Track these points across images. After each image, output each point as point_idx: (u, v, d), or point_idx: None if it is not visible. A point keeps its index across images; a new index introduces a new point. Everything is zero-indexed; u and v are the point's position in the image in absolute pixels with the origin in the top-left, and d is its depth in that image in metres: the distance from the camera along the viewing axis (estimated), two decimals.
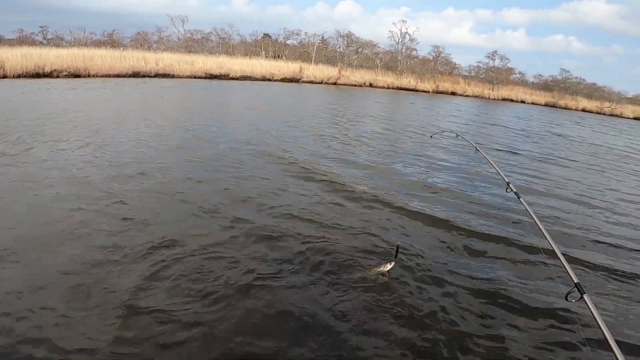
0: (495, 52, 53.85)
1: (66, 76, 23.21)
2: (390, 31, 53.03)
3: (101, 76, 24.80)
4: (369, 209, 6.56)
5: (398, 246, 4.57)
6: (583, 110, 50.27)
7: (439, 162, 10.72)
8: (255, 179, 7.40)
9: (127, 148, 8.64)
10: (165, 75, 28.37)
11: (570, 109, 50.12)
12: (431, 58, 53.02)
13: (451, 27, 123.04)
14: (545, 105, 50.17)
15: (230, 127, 12.54)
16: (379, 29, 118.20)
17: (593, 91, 55.02)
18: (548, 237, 2.92)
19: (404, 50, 51.20)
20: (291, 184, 7.32)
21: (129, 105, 14.64)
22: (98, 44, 38.79)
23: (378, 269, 4.44)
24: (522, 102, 50.05)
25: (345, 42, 49.40)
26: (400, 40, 51.06)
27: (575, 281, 2.36)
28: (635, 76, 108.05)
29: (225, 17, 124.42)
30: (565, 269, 2.53)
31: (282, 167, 8.30)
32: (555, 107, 49.92)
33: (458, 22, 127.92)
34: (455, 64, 56.00)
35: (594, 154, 15.70)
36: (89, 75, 24.32)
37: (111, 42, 42.03)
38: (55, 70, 22.99)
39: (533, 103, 50.16)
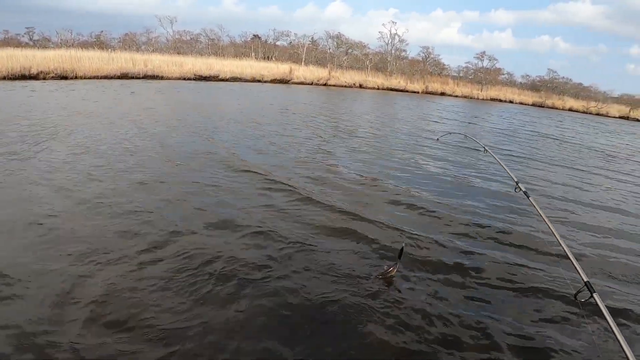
0: (484, 52, 54.43)
1: (53, 78, 22.95)
2: (379, 32, 53.49)
3: (89, 78, 24.57)
4: (371, 209, 6.53)
5: (403, 247, 4.47)
6: (570, 109, 50.95)
7: (446, 163, 10.87)
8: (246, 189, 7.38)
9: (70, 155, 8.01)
10: (154, 77, 28.19)
11: (557, 108, 50.78)
12: (420, 59, 53.43)
13: (440, 28, 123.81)
14: (533, 105, 50.76)
15: (205, 130, 12.44)
16: (368, 30, 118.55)
17: (579, 91, 55.79)
18: (557, 236, 2.90)
19: (393, 51, 51.51)
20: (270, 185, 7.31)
21: (102, 109, 13.82)
22: (85, 45, 38.38)
23: (383, 273, 4.38)
24: (511, 102, 50.57)
25: (335, 43, 49.56)
26: (389, 41, 51.41)
27: (585, 280, 2.35)
28: (620, 76, 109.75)
29: (214, 18, 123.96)
30: (575, 267, 2.52)
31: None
32: (543, 106, 50.54)
33: (446, 23, 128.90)
34: (444, 64, 56.43)
35: (580, 154, 15.91)
36: (76, 77, 24.08)
37: (99, 43, 41.65)
38: (41, 72, 22.71)
39: (521, 103, 50.70)
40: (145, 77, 27.66)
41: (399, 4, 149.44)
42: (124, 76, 26.43)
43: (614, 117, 50.29)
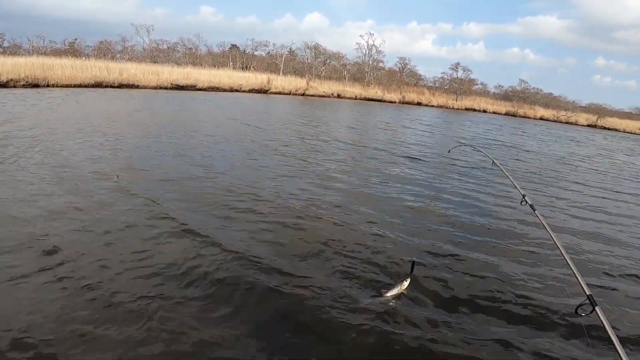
0: (458, 63, 55.74)
1: (24, 86, 22.36)
2: (357, 43, 54.39)
3: (61, 86, 24.03)
4: (379, 223, 6.54)
5: (414, 262, 4.39)
6: (541, 118, 52.66)
7: (455, 175, 11.17)
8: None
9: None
10: (129, 86, 27.80)
11: (529, 117, 52.37)
12: (397, 69, 54.39)
13: (416, 40, 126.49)
14: (506, 114, 52.22)
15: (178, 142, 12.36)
16: (345, 40, 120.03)
17: (550, 100, 57.71)
18: (562, 249, 2.89)
19: (370, 62, 52.28)
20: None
21: (61, 119, 13.18)
22: (58, 52, 37.63)
23: (395, 290, 4.26)
24: (485, 111, 51.95)
25: (313, 53, 49.95)
26: (367, 52, 52.21)
27: (588, 293, 2.30)
28: (587, 86, 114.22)
29: (192, 27, 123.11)
30: (578, 280, 2.48)
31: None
32: (515, 115, 52.06)
33: (422, 34, 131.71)
34: (420, 75, 57.71)
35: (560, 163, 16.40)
36: (48, 85, 23.52)
37: (72, 51, 40.85)
38: (12, 79, 22.11)
39: (495, 112, 52.12)
40: (121, 86, 27.24)
41: (376, 15, 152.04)
42: (98, 85, 25.97)
43: (583, 125, 52.19)
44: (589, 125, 52.33)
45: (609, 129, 51.44)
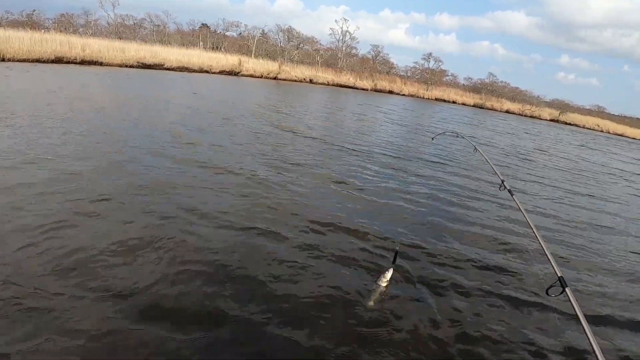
0: (430, 54, 56.51)
1: None
2: (331, 29, 54.03)
3: (18, 60, 22.73)
4: (360, 213, 6.54)
5: (397, 251, 4.33)
6: (507, 111, 54.24)
7: (438, 162, 11.70)
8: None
9: None
10: (92, 63, 26.59)
11: (495, 110, 53.84)
12: (370, 57, 54.48)
13: (388, 28, 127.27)
14: (474, 106, 53.47)
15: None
16: (319, 25, 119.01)
17: (516, 94, 59.43)
18: (537, 233, 2.95)
19: (344, 48, 52.07)
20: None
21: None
22: (15, 24, 35.49)
23: (379, 281, 4.22)
24: (454, 102, 53.00)
25: (286, 37, 49.28)
26: (340, 38, 51.93)
27: (559, 275, 2.35)
28: (552, 83, 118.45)
29: (160, 3, 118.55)
30: (551, 263, 2.53)
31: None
32: (483, 108, 53.38)
33: (394, 23, 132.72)
34: (393, 63, 58.14)
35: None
36: (3, 60, 22.20)
37: (31, 23, 38.62)
38: None
39: (463, 104, 53.27)
40: (83, 62, 26.01)
41: (350, 1, 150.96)
42: (58, 60, 24.69)
43: (546, 119, 54.16)
44: (551, 120, 54.40)
45: (570, 124, 53.65)
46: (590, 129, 53.28)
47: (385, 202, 7.32)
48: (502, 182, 4.09)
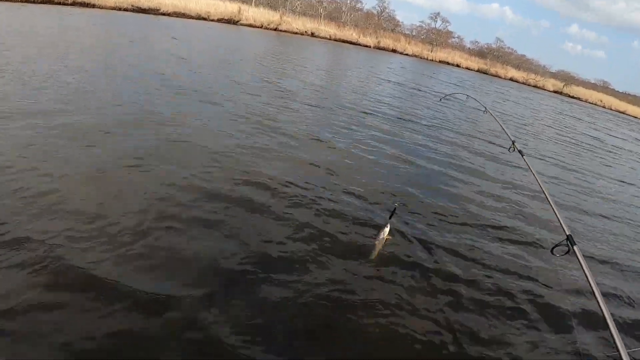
0: (438, 13, 54.85)
1: None
2: None
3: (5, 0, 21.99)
4: (362, 168, 6.46)
5: (395, 208, 4.22)
6: (511, 79, 53.26)
7: (446, 122, 11.80)
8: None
9: None
10: (84, 5, 25.73)
11: (499, 77, 52.83)
12: (375, 13, 52.64)
13: None
14: (478, 71, 52.38)
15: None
16: None
17: (522, 62, 58.10)
18: (546, 192, 2.93)
19: (348, 2, 50.16)
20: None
21: None
22: None
23: (375, 238, 4.12)
24: (458, 66, 51.85)
25: None
26: None
27: (567, 233, 2.34)
28: (559, 53, 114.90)
29: None
30: (559, 221, 2.53)
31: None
32: (487, 73, 52.29)
33: None
34: (398, 21, 56.25)
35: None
36: None
37: None
38: None
39: (467, 68, 52.16)
40: (74, 3, 25.18)
41: None
42: (49, 1, 23.91)
43: (549, 90, 53.33)
44: (554, 92, 53.55)
45: (573, 97, 52.89)
46: (593, 103, 52.63)
47: (386, 161, 7.23)
48: (513, 143, 4.14)
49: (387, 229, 4.05)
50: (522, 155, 3.83)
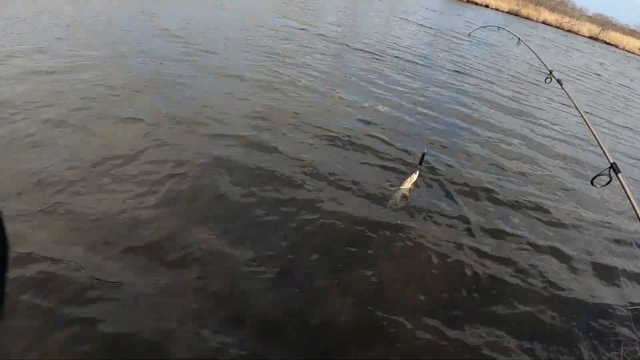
0: None
1: None
2: None
3: None
4: (389, 113, 6.02)
5: (424, 153, 4.23)
6: (543, 22, 49.46)
7: (476, 56, 11.23)
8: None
9: None
10: None
11: (531, 19, 49.08)
12: None
13: None
14: (509, 12, 48.62)
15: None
16: None
17: (557, 4, 53.80)
18: (588, 121, 2.86)
19: None
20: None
21: None
22: None
23: (405, 184, 3.98)
24: (487, 6, 48.23)
25: None
26: None
27: (611, 161, 2.28)
28: None
29: None
30: (602, 149, 2.47)
31: None
32: (518, 15, 48.59)
33: None
34: None
35: None
36: None
37: None
38: None
39: (497, 9, 48.54)
40: None
41: None
42: None
43: (584, 36, 49.53)
44: (590, 37, 49.69)
45: (609, 43, 49.05)
46: (630, 52, 48.72)
47: (417, 99, 6.95)
48: (550, 73, 4.03)
49: (415, 175, 4.01)
50: (561, 85, 3.72)
